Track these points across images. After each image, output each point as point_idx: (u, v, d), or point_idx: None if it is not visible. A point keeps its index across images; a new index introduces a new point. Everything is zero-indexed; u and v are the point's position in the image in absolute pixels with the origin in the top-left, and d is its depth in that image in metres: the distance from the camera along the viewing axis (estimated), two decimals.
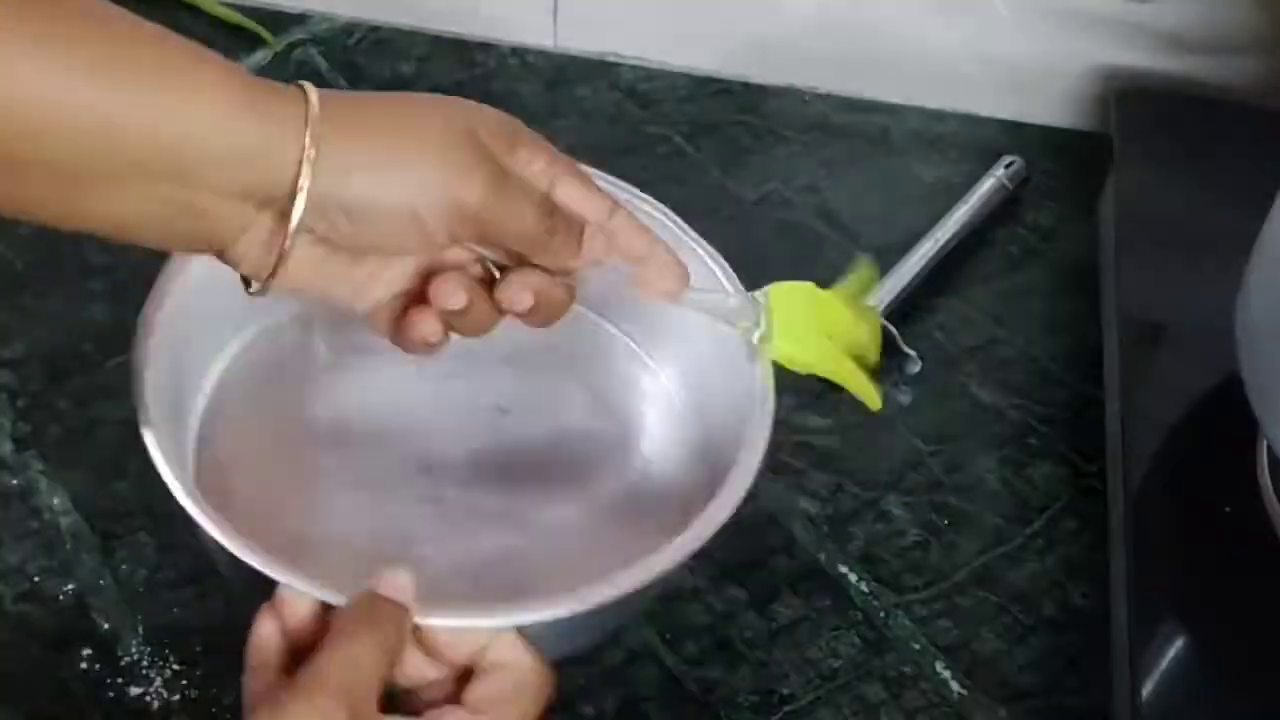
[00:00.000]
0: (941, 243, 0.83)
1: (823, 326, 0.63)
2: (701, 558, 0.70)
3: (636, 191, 0.67)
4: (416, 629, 0.52)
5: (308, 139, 0.49)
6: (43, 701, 0.63)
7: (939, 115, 0.94)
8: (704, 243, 0.66)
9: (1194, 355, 0.74)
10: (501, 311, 0.57)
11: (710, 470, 0.63)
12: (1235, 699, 0.63)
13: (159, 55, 0.48)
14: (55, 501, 0.70)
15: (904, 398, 0.78)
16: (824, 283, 0.81)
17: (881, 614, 0.69)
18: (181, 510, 0.55)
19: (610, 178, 0.65)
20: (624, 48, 0.95)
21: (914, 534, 0.73)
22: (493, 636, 0.52)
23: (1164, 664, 0.63)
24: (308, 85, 0.50)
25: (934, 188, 0.89)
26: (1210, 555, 0.67)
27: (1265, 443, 0.68)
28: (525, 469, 0.65)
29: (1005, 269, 0.86)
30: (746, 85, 0.95)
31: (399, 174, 0.51)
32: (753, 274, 0.83)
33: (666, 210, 0.67)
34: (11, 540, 0.68)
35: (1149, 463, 0.69)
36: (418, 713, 0.51)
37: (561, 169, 0.57)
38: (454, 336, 0.58)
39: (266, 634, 0.51)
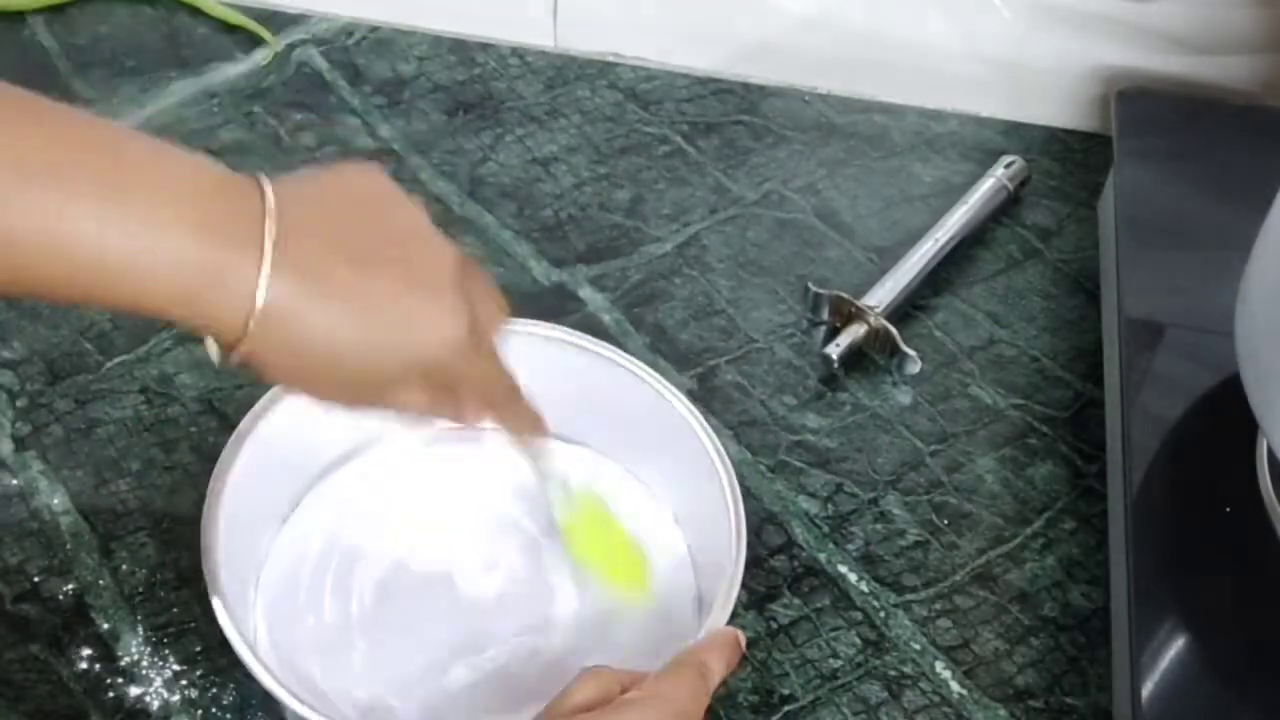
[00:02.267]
0: (941, 243, 0.84)
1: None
2: None
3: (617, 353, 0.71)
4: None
5: (261, 281, 0.49)
6: (43, 701, 0.63)
7: (939, 115, 0.94)
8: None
9: (1194, 355, 0.74)
10: None
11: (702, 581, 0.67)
12: (1235, 699, 0.63)
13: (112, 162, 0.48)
14: (55, 501, 0.69)
15: (904, 398, 0.78)
16: (822, 281, 0.81)
17: (881, 614, 0.69)
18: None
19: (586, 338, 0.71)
20: (624, 48, 0.95)
21: (914, 534, 0.73)
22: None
23: (1164, 664, 0.63)
24: (268, 196, 0.50)
25: (934, 188, 0.89)
26: (1210, 555, 0.66)
27: (1265, 443, 0.68)
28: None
29: (1005, 269, 0.86)
30: (746, 85, 0.95)
31: (374, 319, 0.52)
32: (753, 274, 0.84)
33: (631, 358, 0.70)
34: (11, 540, 0.68)
35: (1149, 463, 0.69)
36: None
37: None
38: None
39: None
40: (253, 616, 0.64)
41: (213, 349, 0.52)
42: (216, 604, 0.59)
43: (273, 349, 0.50)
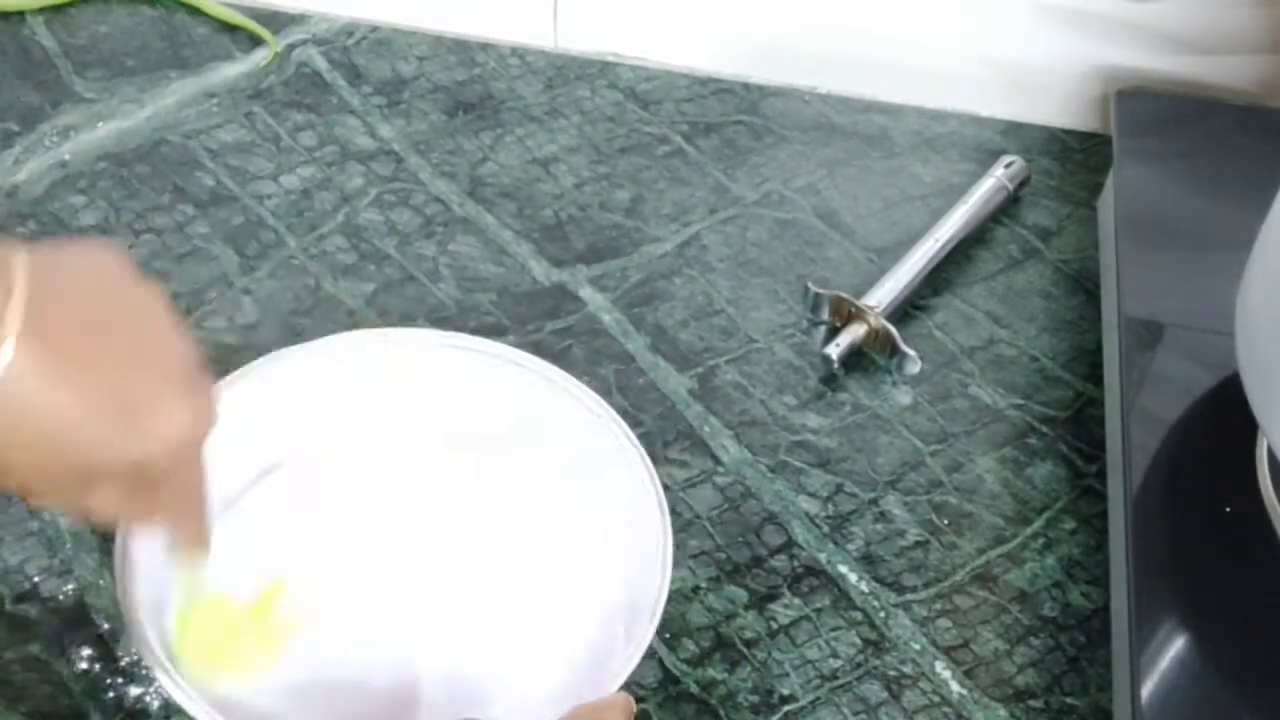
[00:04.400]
0: (941, 243, 0.84)
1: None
2: (700, 557, 0.70)
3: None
4: None
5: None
6: (43, 701, 0.63)
7: (939, 115, 0.94)
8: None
9: (1194, 355, 0.74)
10: None
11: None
12: (1235, 699, 0.63)
13: None
14: None
15: (904, 398, 0.78)
16: (822, 281, 0.81)
17: (881, 614, 0.69)
18: None
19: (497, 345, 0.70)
20: (624, 48, 0.95)
21: (914, 534, 0.73)
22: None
23: (1164, 664, 0.63)
24: (15, 264, 0.48)
25: (934, 188, 0.89)
26: (1210, 555, 0.66)
27: (1265, 443, 0.68)
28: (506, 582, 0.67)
29: (1005, 269, 0.86)
30: (746, 85, 0.95)
31: (106, 405, 0.50)
32: (753, 274, 0.84)
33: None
34: (11, 540, 0.68)
35: (1149, 463, 0.69)
36: None
37: None
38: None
39: None
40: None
41: None
42: (141, 633, 0.58)
43: None
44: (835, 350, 0.78)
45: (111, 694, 0.63)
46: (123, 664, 0.64)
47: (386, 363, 0.70)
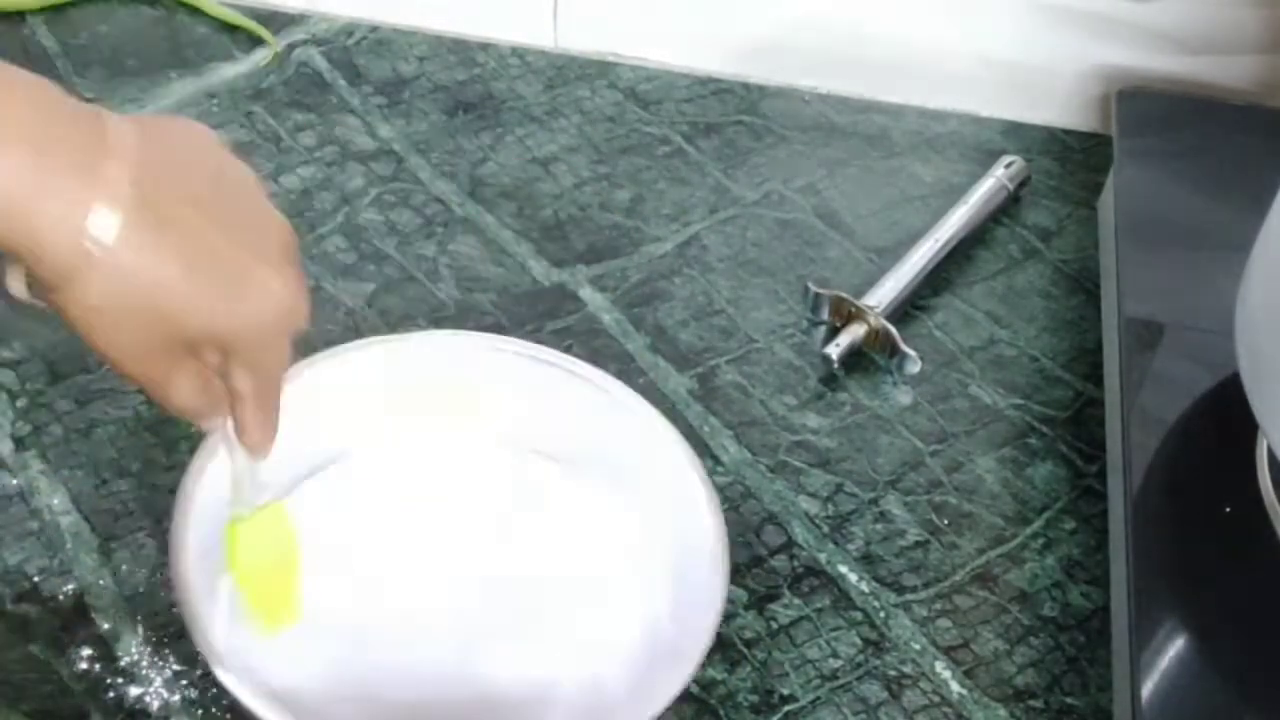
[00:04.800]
0: (941, 243, 0.84)
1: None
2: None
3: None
4: None
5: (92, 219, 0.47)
6: (43, 701, 0.63)
7: (939, 115, 0.94)
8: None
9: (1194, 355, 0.74)
10: None
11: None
12: (1235, 699, 0.63)
13: None
14: (55, 501, 0.69)
15: (904, 398, 0.78)
16: (822, 281, 0.81)
17: (881, 614, 0.69)
18: None
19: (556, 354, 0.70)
20: (624, 48, 0.95)
21: (914, 534, 0.73)
22: None
23: (1164, 664, 0.63)
24: (111, 135, 0.48)
25: (934, 188, 0.89)
26: (1210, 555, 0.66)
27: (1265, 443, 0.68)
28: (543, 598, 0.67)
29: (1005, 269, 0.86)
30: (746, 85, 0.95)
31: (209, 276, 0.50)
32: (753, 274, 0.84)
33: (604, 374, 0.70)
34: (11, 540, 0.68)
35: (1149, 463, 0.69)
36: None
37: None
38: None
39: None
40: (219, 617, 0.62)
41: (17, 281, 0.50)
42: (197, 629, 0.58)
43: (93, 286, 0.48)
44: (835, 350, 0.78)
45: (111, 694, 0.63)
46: (123, 664, 0.64)
47: (448, 365, 0.70)
